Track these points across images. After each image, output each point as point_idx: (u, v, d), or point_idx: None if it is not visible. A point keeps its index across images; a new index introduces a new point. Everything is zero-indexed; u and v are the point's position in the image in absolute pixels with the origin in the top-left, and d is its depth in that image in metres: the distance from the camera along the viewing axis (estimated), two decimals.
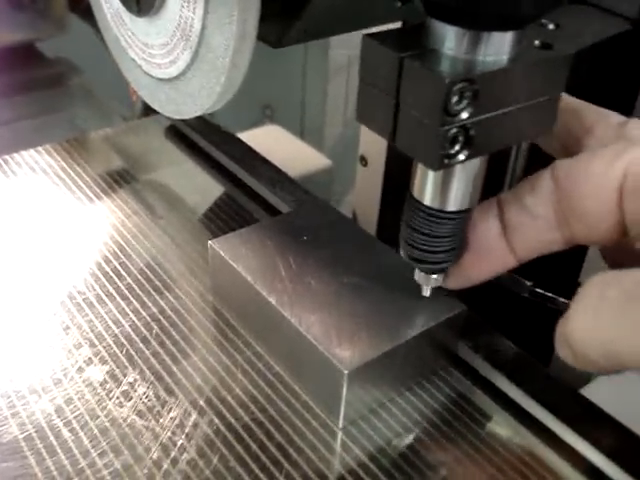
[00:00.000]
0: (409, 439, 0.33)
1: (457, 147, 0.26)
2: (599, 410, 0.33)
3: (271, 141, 0.77)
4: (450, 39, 0.25)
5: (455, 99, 0.24)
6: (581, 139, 0.32)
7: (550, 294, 0.34)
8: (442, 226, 0.31)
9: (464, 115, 0.25)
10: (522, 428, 0.34)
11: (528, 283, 0.34)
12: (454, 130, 0.25)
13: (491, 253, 0.31)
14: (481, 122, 0.26)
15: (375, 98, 0.27)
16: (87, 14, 0.48)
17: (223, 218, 0.47)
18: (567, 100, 0.33)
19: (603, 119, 0.32)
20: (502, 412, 0.34)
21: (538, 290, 0.34)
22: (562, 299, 0.34)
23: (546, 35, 0.28)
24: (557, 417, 0.33)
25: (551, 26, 0.29)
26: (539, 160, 0.33)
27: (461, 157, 0.26)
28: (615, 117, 0.32)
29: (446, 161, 0.26)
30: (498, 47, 0.25)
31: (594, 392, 0.38)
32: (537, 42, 0.27)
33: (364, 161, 0.71)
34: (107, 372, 0.35)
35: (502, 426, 0.34)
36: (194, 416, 0.33)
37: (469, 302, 0.34)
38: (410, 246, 0.32)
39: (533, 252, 0.31)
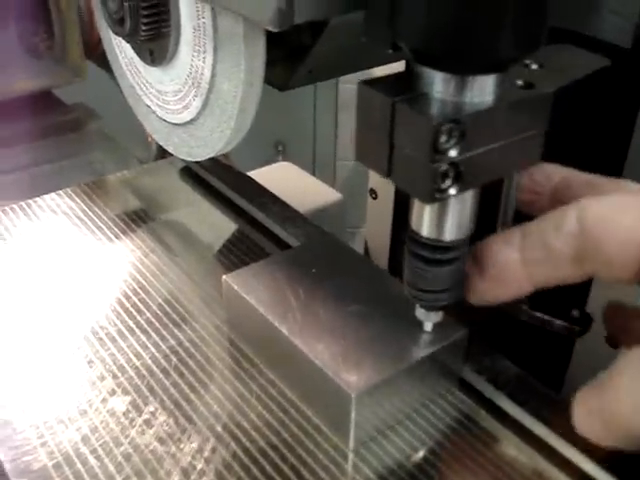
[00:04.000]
0: (417, 459, 0.34)
1: (448, 182, 0.27)
2: None
3: (283, 177, 0.78)
4: (438, 83, 0.27)
5: (443, 138, 0.26)
6: None
7: (547, 316, 0.35)
8: (439, 266, 0.32)
9: (453, 152, 0.26)
10: (527, 447, 0.35)
11: (524, 307, 0.35)
12: (444, 167, 0.27)
13: (509, 280, 0.32)
14: (469, 158, 0.27)
15: (371, 139, 0.28)
16: (103, 61, 0.50)
17: (236, 254, 0.48)
18: (580, 176, 0.34)
19: (621, 185, 0.33)
20: (506, 432, 0.35)
21: (535, 313, 0.35)
22: (559, 321, 0.36)
23: (529, 75, 0.29)
24: (561, 435, 0.34)
25: (534, 66, 0.30)
26: None
27: (452, 191, 0.27)
28: (631, 184, 0.33)
29: (438, 195, 0.27)
30: (483, 89, 0.27)
31: None
32: (520, 82, 0.28)
33: (374, 194, 0.72)
34: (129, 402, 0.36)
35: (507, 445, 0.35)
36: (212, 441, 0.34)
37: (471, 325, 0.36)
38: (410, 286, 0.33)
39: (550, 283, 0.32)
